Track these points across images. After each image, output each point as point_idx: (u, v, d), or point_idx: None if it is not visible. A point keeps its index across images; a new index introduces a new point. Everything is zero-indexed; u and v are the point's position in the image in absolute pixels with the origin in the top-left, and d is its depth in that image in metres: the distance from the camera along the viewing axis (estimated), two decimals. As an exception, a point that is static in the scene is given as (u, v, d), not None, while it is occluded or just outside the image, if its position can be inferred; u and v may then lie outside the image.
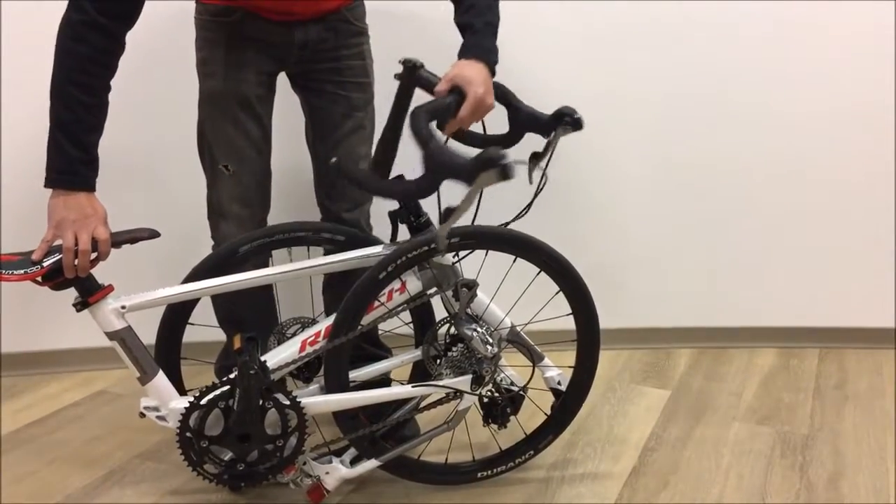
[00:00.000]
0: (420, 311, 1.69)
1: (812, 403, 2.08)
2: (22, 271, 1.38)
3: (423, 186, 1.31)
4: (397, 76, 1.53)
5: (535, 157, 1.55)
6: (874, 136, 2.22)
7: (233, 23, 1.65)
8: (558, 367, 1.72)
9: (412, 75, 1.51)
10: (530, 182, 1.53)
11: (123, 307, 1.48)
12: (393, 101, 1.53)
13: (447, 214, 1.31)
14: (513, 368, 1.69)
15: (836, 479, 1.74)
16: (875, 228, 2.29)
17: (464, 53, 1.52)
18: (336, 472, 1.62)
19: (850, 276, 2.33)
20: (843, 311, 2.36)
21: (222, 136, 1.72)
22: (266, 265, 1.69)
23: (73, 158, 1.42)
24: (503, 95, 1.57)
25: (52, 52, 1.37)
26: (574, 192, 2.32)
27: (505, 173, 1.20)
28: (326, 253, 1.67)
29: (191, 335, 1.63)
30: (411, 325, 1.73)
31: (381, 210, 1.62)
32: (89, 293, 1.45)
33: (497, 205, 1.60)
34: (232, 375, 1.50)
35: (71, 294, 1.49)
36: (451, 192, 1.32)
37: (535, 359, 1.68)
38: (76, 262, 1.41)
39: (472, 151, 1.28)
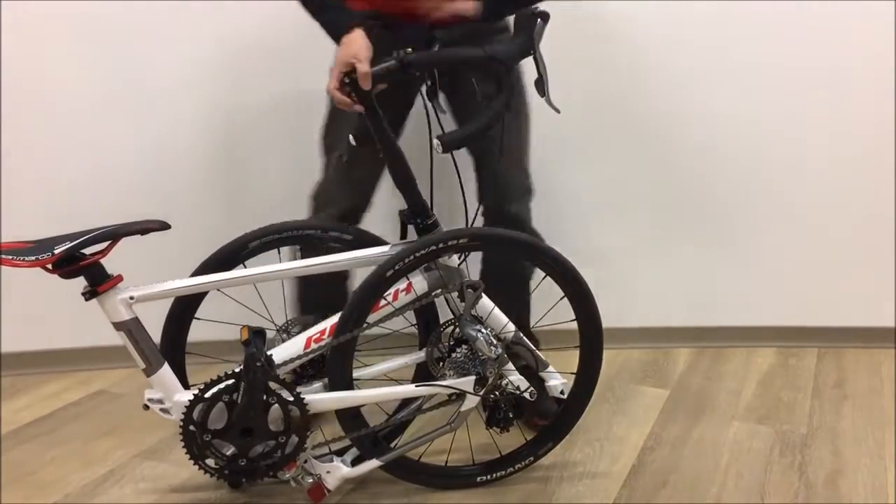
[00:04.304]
0: (425, 312, 1.70)
1: (811, 402, 2.08)
2: (33, 257, 1.38)
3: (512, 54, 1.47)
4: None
5: (539, 83, 1.52)
6: (874, 135, 2.22)
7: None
8: (561, 375, 1.72)
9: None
10: (554, 109, 1.52)
11: (132, 298, 1.49)
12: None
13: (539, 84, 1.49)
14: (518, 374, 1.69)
15: (835, 477, 1.74)
16: (875, 228, 2.29)
17: None
18: (337, 472, 1.62)
19: (850, 276, 2.33)
20: (841, 311, 2.37)
21: (345, 129, 1.73)
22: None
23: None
24: None
25: (51, 51, 1.37)
26: (573, 192, 2.32)
27: (545, 16, 1.46)
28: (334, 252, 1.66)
29: (195, 333, 1.64)
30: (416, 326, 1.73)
31: (391, 210, 1.63)
32: (98, 282, 1.46)
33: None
34: (237, 369, 1.51)
35: (72, 292, 1.49)
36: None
37: (538, 365, 1.68)
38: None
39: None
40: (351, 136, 1.64)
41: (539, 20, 1.49)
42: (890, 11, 2.13)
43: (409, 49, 1.50)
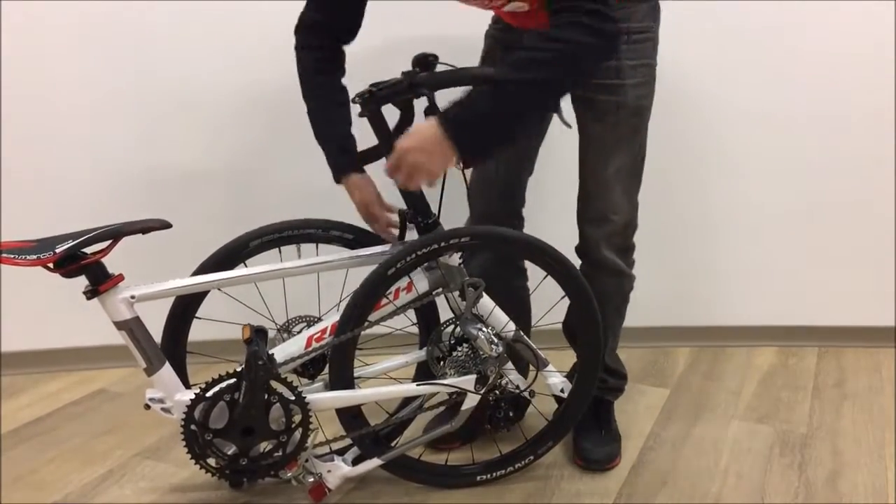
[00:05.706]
0: (425, 312, 1.70)
1: (811, 402, 2.08)
2: (35, 256, 1.38)
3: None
4: (361, 113, 1.55)
5: None
6: (873, 134, 2.23)
7: (496, 29, 1.76)
8: (562, 375, 1.72)
9: (368, 105, 1.52)
10: (566, 125, 1.67)
11: (133, 297, 1.49)
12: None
13: None
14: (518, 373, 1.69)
15: (835, 477, 1.74)
16: (875, 227, 2.29)
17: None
18: (338, 471, 1.62)
19: (850, 275, 2.33)
20: (841, 310, 2.37)
21: None
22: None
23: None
24: None
25: (51, 51, 1.37)
26: (573, 191, 2.32)
27: None
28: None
29: (197, 333, 1.64)
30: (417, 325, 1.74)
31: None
32: (100, 281, 1.46)
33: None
34: (238, 368, 1.51)
35: (72, 291, 1.50)
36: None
37: (539, 364, 1.68)
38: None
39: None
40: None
41: None
42: (890, 11, 2.13)
43: (418, 69, 1.52)
